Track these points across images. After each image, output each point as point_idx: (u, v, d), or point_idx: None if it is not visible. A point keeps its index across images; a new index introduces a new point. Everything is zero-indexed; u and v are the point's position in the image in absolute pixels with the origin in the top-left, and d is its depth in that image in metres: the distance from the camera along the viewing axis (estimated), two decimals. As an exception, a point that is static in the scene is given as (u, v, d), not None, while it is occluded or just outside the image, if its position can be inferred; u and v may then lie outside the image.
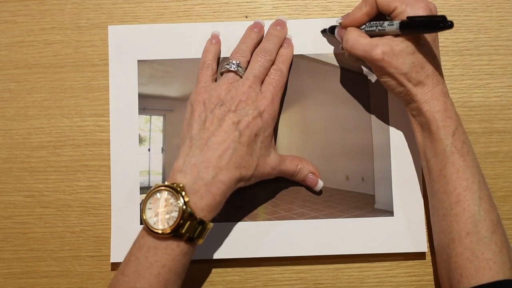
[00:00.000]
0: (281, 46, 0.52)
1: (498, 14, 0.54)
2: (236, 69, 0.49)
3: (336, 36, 0.50)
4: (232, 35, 0.52)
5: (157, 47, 0.53)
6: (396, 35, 0.45)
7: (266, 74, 0.49)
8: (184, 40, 0.53)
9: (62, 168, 0.53)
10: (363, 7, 0.47)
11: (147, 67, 0.53)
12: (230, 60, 0.49)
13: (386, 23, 0.45)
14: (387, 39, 0.45)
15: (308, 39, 0.53)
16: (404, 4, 0.45)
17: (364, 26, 0.48)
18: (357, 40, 0.46)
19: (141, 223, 0.52)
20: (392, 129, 0.52)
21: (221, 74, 0.50)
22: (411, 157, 0.52)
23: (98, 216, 0.53)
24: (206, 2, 0.54)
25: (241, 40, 0.51)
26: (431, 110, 0.45)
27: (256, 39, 0.51)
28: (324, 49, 0.53)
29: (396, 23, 0.44)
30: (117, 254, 0.51)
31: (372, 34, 0.47)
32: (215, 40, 0.52)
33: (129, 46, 0.53)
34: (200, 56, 0.52)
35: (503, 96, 0.54)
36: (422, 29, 0.43)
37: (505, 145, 0.53)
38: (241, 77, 0.49)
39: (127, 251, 0.44)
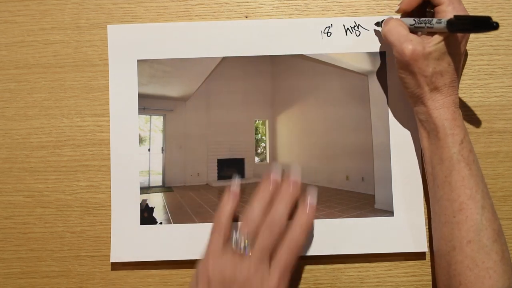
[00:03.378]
0: (299, 207, 0.47)
1: (498, 14, 0.54)
2: (243, 246, 0.45)
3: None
4: (232, 35, 0.52)
5: (157, 47, 0.53)
6: (431, 35, 0.46)
7: (277, 244, 0.45)
8: (184, 40, 0.53)
9: (62, 168, 0.53)
10: None
11: (147, 67, 0.53)
12: (238, 235, 0.46)
13: (434, 20, 0.46)
14: (422, 38, 0.46)
15: (308, 39, 0.53)
16: (451, 4, 0.46)
17: (414, 22, 0.48)
18: (396, 28, 0.47)
19: (141, 223, 0.52)
20: (392, 129, 0.52)
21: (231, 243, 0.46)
22: (411, 157, 0.52)
23: (98, 216, 0.53)
24: (206, 2, 0.54)
25: (253, 202, 0.47)
26: (440, 117, 0.46)
27: (269, 198, 0.47)
28: (324, 49, 0.53)
29: (443, 21, 0.45)
30: (117, 254, 0.51)
31: (419, 31, 0.48)
32: (233, 196, 0.48)
33: (129, 46, 0.53)
34: (200, 56, 0.52)
35: (503, 96, 0.53)
36: (468, 28, 0.44)
37: (505, 145, 0.53)
38: (249, 252, 0.45)
39: (127, 251, 0.44)
